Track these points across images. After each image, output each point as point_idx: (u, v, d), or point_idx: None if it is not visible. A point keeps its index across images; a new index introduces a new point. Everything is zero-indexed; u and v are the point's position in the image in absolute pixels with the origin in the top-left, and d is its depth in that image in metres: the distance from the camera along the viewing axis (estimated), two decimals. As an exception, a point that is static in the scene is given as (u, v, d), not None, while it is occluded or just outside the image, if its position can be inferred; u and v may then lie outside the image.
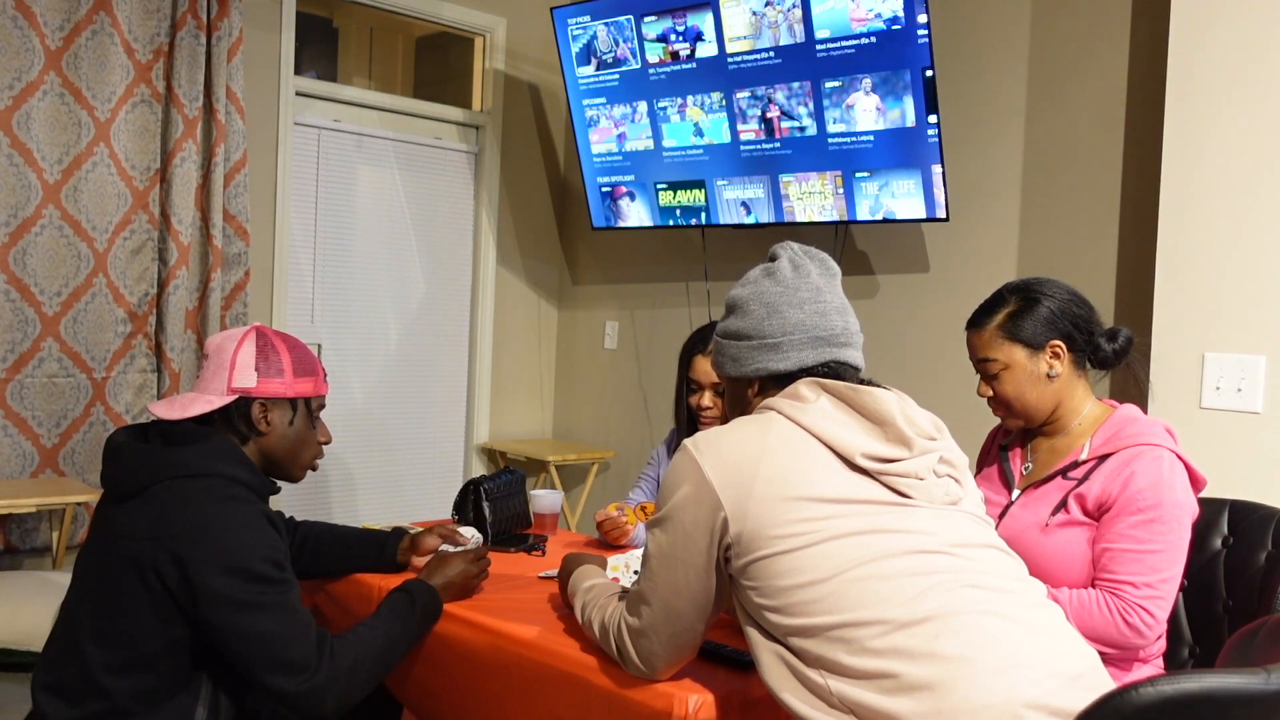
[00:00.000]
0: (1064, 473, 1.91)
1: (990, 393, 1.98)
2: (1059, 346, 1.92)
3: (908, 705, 1.30)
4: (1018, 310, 1.93)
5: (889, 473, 1.45)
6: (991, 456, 2.12)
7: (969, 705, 1.28)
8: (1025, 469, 2.02)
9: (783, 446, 1.46)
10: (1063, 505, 1.88)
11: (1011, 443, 2.08)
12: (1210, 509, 2.04)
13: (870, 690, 1.33)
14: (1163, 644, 1.93)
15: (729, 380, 1.66)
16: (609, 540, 2.49)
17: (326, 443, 1.99)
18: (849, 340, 1.58)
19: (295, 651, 1.69)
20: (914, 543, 1.41)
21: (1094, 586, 1.83)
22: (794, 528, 1.40)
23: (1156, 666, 1.92)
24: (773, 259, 1.64)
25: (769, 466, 1.44)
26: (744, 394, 1.62)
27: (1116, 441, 1.88)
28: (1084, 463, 1.90)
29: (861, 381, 1.56)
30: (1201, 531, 2.02)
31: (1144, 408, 1.98)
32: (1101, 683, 1.36)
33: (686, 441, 1.52)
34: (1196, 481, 1.89)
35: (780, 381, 1.56)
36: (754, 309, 1.59)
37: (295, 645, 1.69)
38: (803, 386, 1.52)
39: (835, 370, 1.56)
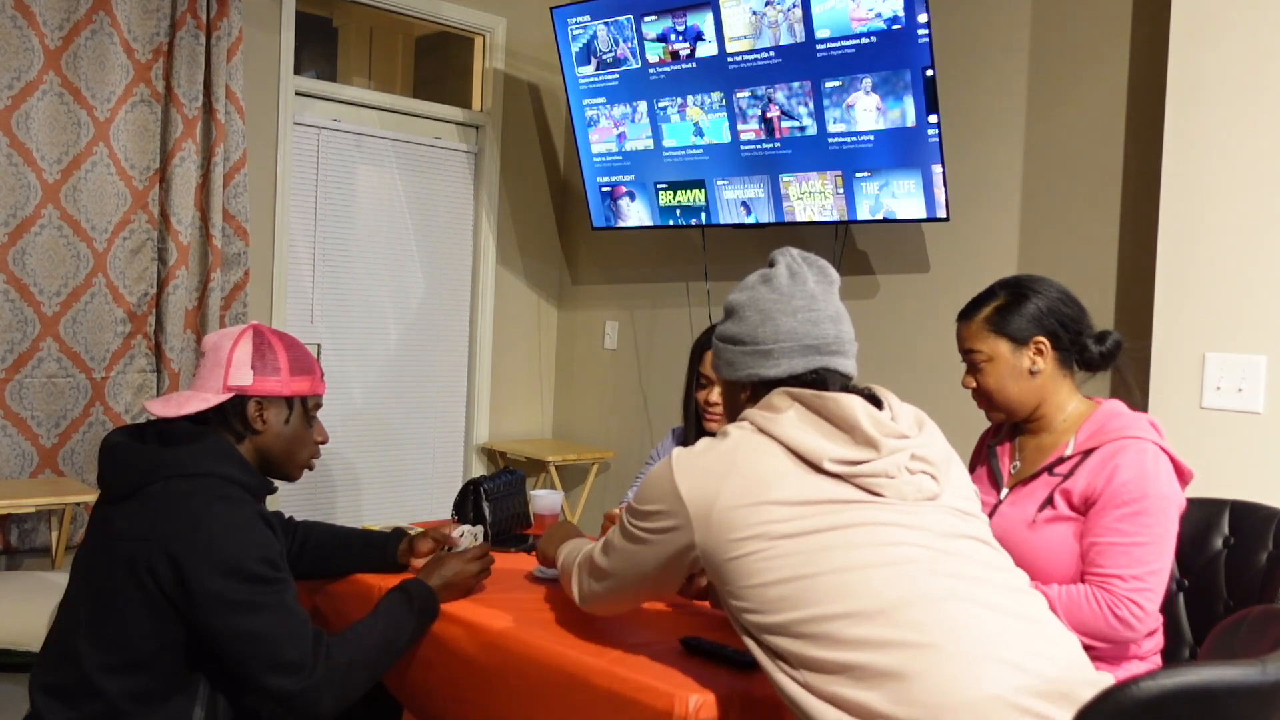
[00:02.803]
0: (1050, 469, 1.93)
1: (974, 384, 2.01)
2: (1043, 343, 1.94)
3: (877, 695, 1.31)
4: (1005, 305, 1.97)
5: (859, 474, 1.47)
6: (982, 457, 2.14)
7: (939, 691, 1.29)
8: (1013, 468, 2.04)
9: (749, 459, 1.49)
10: (1049, 501, 1.89)
11: (1000, 442, 2.09)
12: (1211, 510, 2.05)
13: (843, 684, 1.34)
14: (1159, 640, 1.93)
15: (725, 384, 1.69)
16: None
17: (323, 442, 1.99)
18: (840, 349, 1.60)
19: (292, 651, 1.68)
20: (883, 535, 1.42)
21: (1083, 581, 1.84)
22: (754, 530, 1.44)
23: (1153, 664, 1.93)
24: (771, 265, 1.66)
25: (734, 480, 1.47)
26: (738, 398, 1.66)
27: (1101, 436, 1.89)
28: (1069, 458, 1.91)
29: (847, 388, 1.58)
30: (1202, 532, 2.03)
31: (1138, 409, 1.99)
32: (1079, 669, 1.37)
33: (674, 455, 1.56)
34: (1183, 474, 1.90)
35: (771, 388, 1.59)
36: (749, 315, 1.61)
37: (292, 645, 1.69)
38: (774, 397, 1.56)
39: (822, 378, 1.58)
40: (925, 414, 1.60)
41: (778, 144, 3.77)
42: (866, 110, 3.50)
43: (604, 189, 4.39)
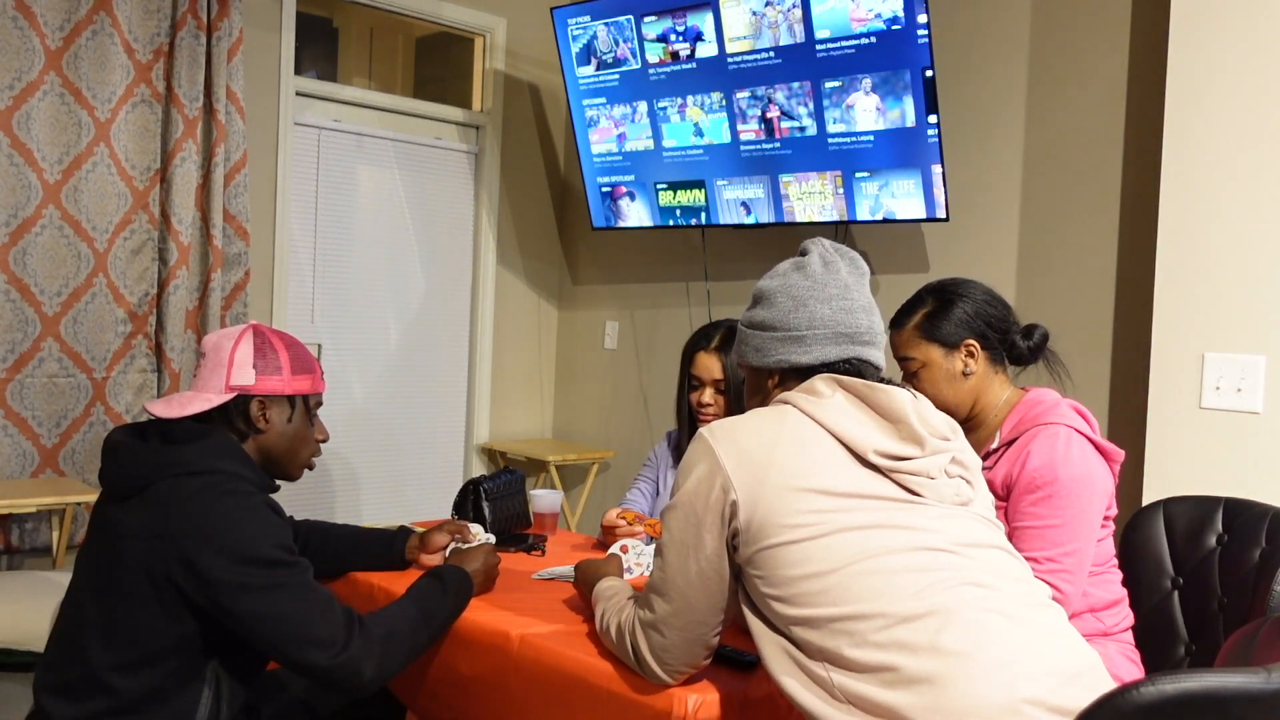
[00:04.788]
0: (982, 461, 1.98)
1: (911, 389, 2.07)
2: (973, 345, 2.01)
3: (908, 699, 1.30)
4: (933, 311, 2.03)
5: (900, 470, 1.46)
6: None
7: (969, 700, 1.28)
8: None
9: (796, 438, 1.47)
10: None
11: None
12: (1204, 507, 2.10)
13: (871, 684, 1.33)
14: (1126, 616, 1.99)
15: (750, 370, 1.67)
16: (611, 543, 2.49)
17: (324, 441, 1.99)
18: (872, 339, 1.60)
19: (321, 627, 1.69)
20: (920, 540, 1.41)
21: None
22: (803, 518, 1.41)
23: (1124, 641, 1.98)
24: (804, 254, 1.65)
25: (782, 456, 1.45)
26: (764, 384, 1.64)
27: (1021, 425, 1.96)
28: (996, 450, 1.97)
29: (881, 381, 1.57)
30: (1196, 529, 2.08)
31: (1068, 396, 2.04)
32: (1101, 682, 1.36)
33: (703, 429, 1.53)
34: (1106, 455, 1.94)
35: (801, 374, 1.58)
36: (781, 301, 1.60)
37: (320, 620, 1.69)
38: (819, 382, 1.53)
39: (856, 368, 1.57)
40: (952, 419, 1.60)
41: (778, 144, 3.77)
42: (866, 110, 3.50)
43: (604, 189, 4.39)
